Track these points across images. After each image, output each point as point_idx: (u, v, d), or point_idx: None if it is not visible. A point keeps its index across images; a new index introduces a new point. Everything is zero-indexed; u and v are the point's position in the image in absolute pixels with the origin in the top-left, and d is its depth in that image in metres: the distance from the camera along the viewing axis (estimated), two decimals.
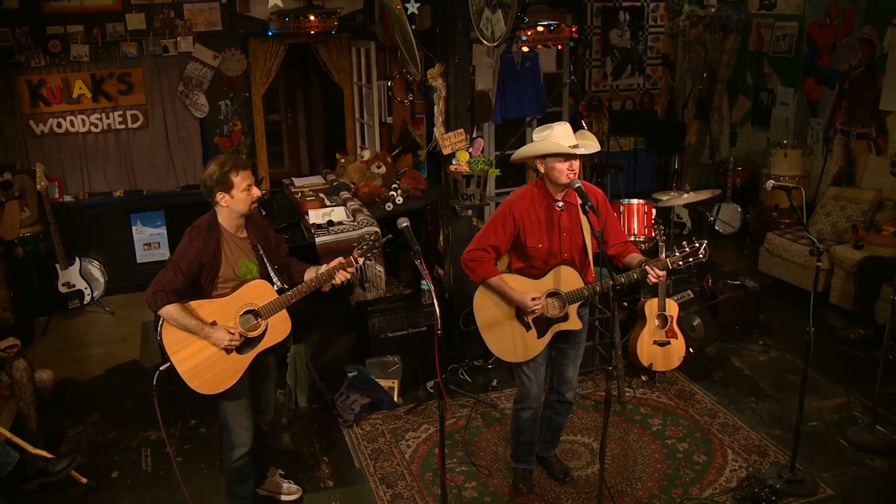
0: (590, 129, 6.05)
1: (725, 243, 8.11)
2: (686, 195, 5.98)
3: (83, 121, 7.07)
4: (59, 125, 7.02)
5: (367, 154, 6.65)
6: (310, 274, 3.79)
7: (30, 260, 6.73)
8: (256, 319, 3.67)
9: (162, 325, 3.59)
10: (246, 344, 3.66)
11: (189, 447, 4.84)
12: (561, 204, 3.82)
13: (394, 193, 5.96)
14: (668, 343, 5.35)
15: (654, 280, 3.68)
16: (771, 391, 5.32)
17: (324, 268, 3.73)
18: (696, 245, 3.67)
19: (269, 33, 7.08)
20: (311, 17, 6.55)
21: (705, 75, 8.60)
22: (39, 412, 4.65)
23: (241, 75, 7.45)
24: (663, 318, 5.35)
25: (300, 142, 10.79)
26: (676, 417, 5.02)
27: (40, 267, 6.78)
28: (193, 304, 3.57)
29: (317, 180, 6.71)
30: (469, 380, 5.56)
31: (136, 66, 7.09)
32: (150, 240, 7.53)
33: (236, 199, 3.56)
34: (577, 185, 3.64)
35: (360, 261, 3.74)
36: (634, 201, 5.85)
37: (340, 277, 3.71)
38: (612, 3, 8.82)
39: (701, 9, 8.62)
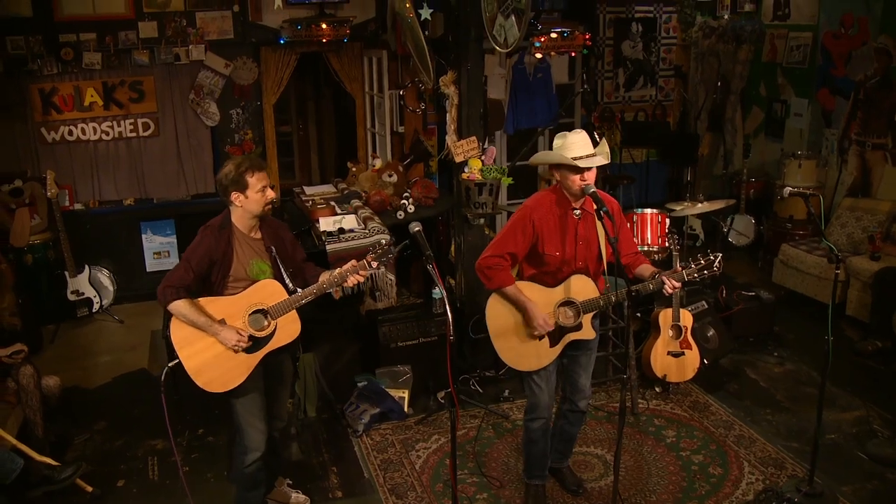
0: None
1: (739, 255, 8.02)
2: (700, 205, 5.91)
3: (94, 128, 7.08)
4: (70, 133, 7.03)
5: (378, 163, 6.62)
6: (324, 277, 3.75)
7: (39, 267, 6.71)
8: (266, 319, 3.63)
9: (171, 321, 3.59)
10: (254, 344, 3.62)
11: (196, 456, 4.79)
12: (578, 212, 3.77)
13: (405, 202, 5.91)
14: (683, 354, 5.27)
15: (669, 291, 3.66)
16: (787, 403, 5.22)
17: (337, 271, 3.70)
18: (711, 258, 3.69)
19: (281, 41, 7.08)
20: (324, 26, 6.55)
21: (719, 84, 8.55)
22: (46, 419, 4.61)
23: (252, 84, 7.44)
24: (677, 329, 5.28)
25: (311, 153, 10.78)
26: (691, 429, 4.93)
27: (49, 275, 6.75)
28: (202, 300, 3.57)
29: (328, 189, 6.68)
30: (480, 390, 5.48)
31: (148, 74, 7.09)
32: (159, 248, 7.51)
33: (250, 200, 3.57)
34: (592, 190, 3.61)
35: (375, 265, 3.71)
36: (648, 211, 5.79)
37: (353, 280, 3.68)
38: (624, 14, 8.80)
39: (714, 20, 8.59)
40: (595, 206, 3.59)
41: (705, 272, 3.68)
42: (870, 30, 6.93)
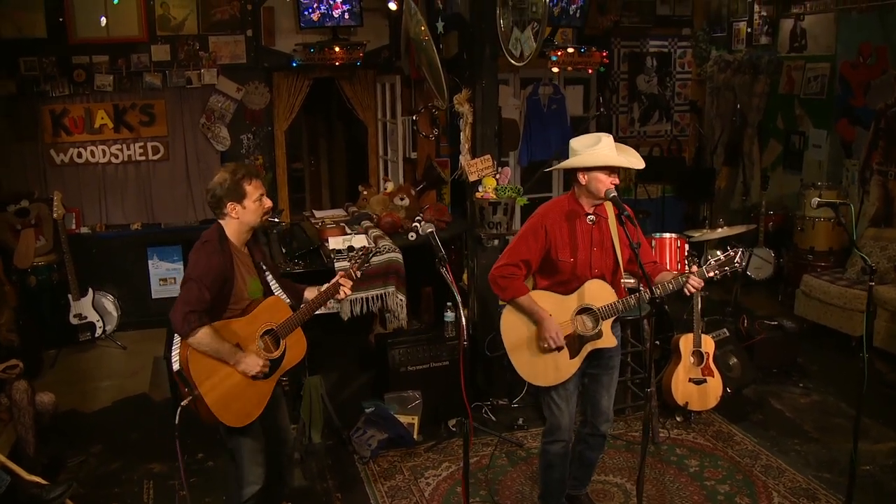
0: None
1: (758, 289, 7.82)
2: (720, 229, 5.74)
3: (104, 151, 7.02)
4: (79, 155, 6.97)
5: (390, 186, 6.52)
6: (310, 293, 3.60)
7: (43, 290, 6.58)
8: (275, 340, 3.44)
9: (178, 351, 3.30)
10: (269, 368, 3.41)
11: (195, 480, 4.56)
12: (592, 217, 3.63)
13: (417, 224, 5.76)
14: (705, 381, 5.05)
15: (691, 290, 3.48)
16: (816, 434, 4.97)
17: (326, 285, 3.55)
18: (731, 253, 3.51)
19: (294, 64, 7.04)
20: (337, 49, 6.51)
21: (736, 116, 8.43)
22: (39, 439, 4.42)
23: (264, 109, 7.39)
24: (699, 355, 5.06)
25: (322, 188, 10.73)
26: (715, 459, 4.68)
27: (53, 298, 6.60)
28: (217, 325, 3.29)
29: (338, 212, 6.57)
30: (493, 418, 5.26)
31: (159, 98, 7.05)
32: (166, 275, 7.37)
33: (248, 210, 3.35)
34: (613, 194, 3.47)
35: (359, 273, 3.58)
36: (667, 235, 5.61)
37: (344, 291, 3.54)
38: (638, 48, 8.76)
39: (729, 54, 8.52)
40: (610, 211, 3.50)
41: (726, 268, 3.51)
42: (889, 58, 6.83)
